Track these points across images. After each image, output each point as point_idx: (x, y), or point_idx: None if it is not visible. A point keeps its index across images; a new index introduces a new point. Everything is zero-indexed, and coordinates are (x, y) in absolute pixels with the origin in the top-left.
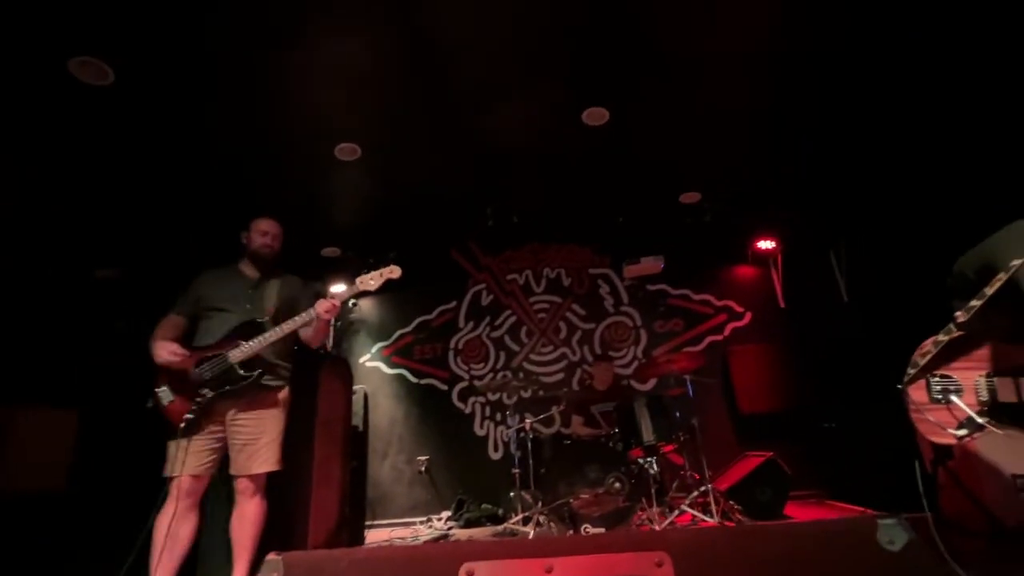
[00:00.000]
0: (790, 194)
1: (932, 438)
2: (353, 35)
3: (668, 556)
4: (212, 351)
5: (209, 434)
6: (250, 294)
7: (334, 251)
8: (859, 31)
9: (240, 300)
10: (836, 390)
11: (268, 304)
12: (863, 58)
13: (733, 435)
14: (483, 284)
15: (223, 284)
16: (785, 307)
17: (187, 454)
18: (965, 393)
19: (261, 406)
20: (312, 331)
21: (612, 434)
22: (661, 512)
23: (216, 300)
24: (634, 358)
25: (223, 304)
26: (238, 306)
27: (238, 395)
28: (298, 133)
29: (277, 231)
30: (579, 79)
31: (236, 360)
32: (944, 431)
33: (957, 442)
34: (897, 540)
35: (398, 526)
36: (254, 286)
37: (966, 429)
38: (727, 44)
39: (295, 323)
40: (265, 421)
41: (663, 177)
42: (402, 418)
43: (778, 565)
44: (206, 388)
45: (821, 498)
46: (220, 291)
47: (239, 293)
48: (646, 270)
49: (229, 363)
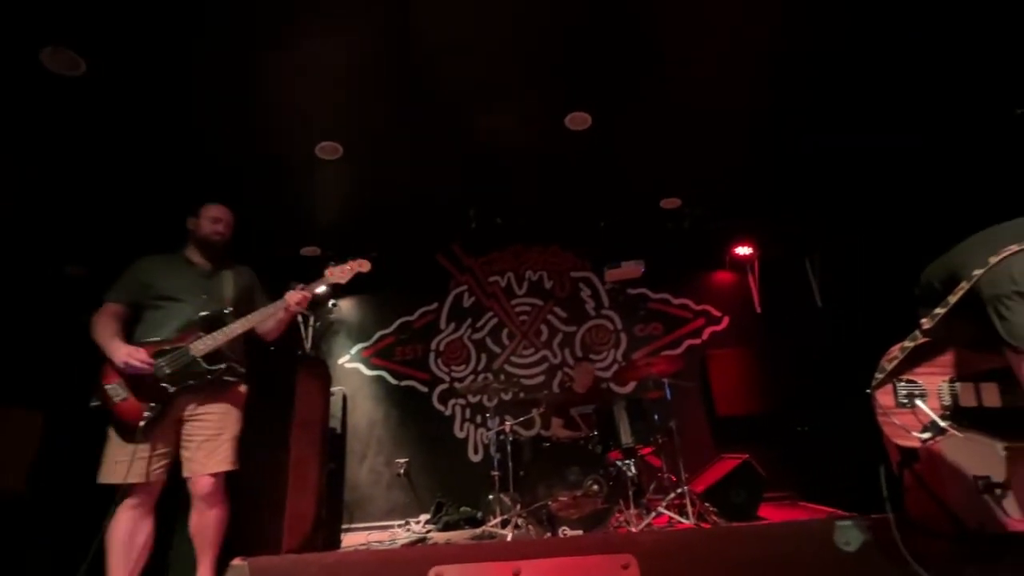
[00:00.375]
0: (767, 202)
1: (897, 441)
2: (337, 33)
3: (634, 558)
4: (170, 344)
5: (167, 433)
6: (205, 284)
7: (314, 250)
8: (835, 48)
9: (195, 290)
10: (810, 393)
11: (226, 295)
12: (839, 76)
13: (710, 438)
14: (465, 286)
15: (173, 272)
16: (761, 312)
17: (143, 457)
18: (929, 397)
19: (223, 401)
20: (274, 323)
21: (591, 436)
22: (638, 514)
23: (167, 289)
24: (614, 361)
25: (176, 294)
26: (194, 296)
27: (198, 391)
28: (278, 130)
29: (229, 218)
30: (562, 84)
31: (200, 353)
32: (909, 434)
33: (921, 445)
34: (853, 541)
35: (376, 529)
36: (207, 275)
37: (929, 432)
38: (709, 58)
39: (263, 314)
40: (228, 417)
41: (644, 182)
42: (381, 420)
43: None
44: (167, 384)
45: (794, 500)
46: (171, 280)
47: (193, 283)
48: (627, 274)
49: (191, 356)
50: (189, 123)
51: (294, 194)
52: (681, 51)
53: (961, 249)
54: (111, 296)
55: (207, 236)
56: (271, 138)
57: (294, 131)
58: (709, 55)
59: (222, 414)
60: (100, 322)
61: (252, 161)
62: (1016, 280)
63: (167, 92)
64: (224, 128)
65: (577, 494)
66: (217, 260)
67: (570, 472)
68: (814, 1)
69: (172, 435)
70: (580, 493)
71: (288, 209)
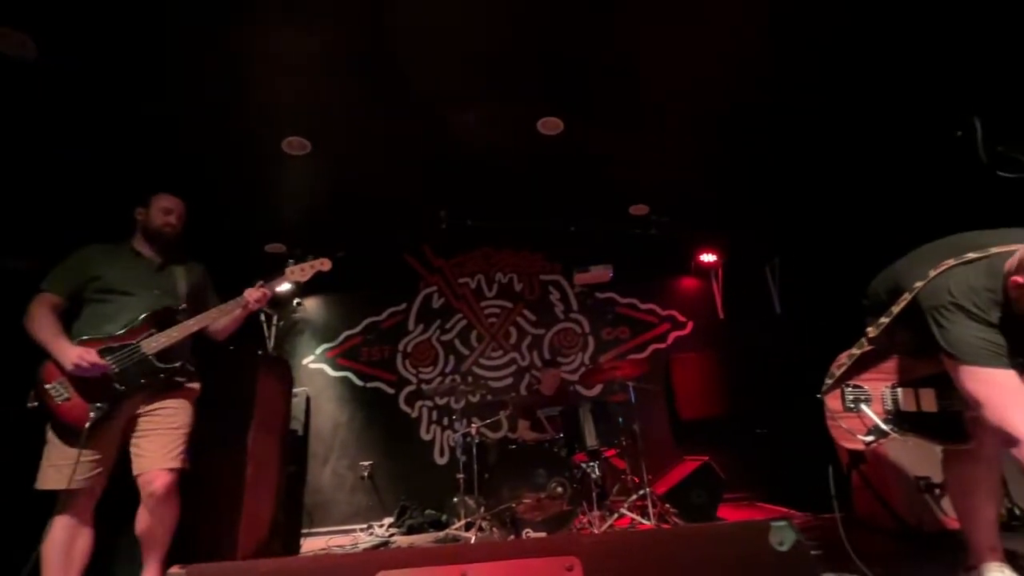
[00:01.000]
0: (731, 212)
1: (844, 444)
2: (308, 26)
3: (578, 560)
4: (118, 341)
5: (111, 433)
6: (156, 278)
7: (279, 247)
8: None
9: (146, 284)
10: (768, 397)
11: (179, 291)
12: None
13: (672, 440)
14: (435, 287)
15: (121, 264)
16: (724, 318)
17: (82, 461)
18: (874, 402)
19: (178, 398)
20: (228, 321)
21: (557, 439)
22: (601, 516)
23: (115, 282)
24: (581, 364)
25: (125, 287)
26: (145, 291)
27: (149, 390)
28: (244, 122)
29: (181, 210)
30: (535, 88)
31: (152, 351)
32: (854, 437)
33: (866, 448)
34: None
35: (337, 533)
36: (158, 269)
37: (873, 436)
38: (679, 70)
39: (220, 311)
40: (181, 413)
41: (614, 188)
42: (346, 422)
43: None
44: (117, 383)
45: (752, 500)
46: (118, 272)
47: (144, 276)
48: (596, 278)
49: (143, 354)
50: (149, 111)
51: (260, 189)
52: (652, 62)
53: (904, 262)
54: (50, 286)
55: (158, 228)
56: (236, 130)
57: (261, 124)
58: (679, 67)
59: (176, 409)
60: (38, 315)
61: (216, 153)
62: (952, 292)
63: (123, 77)
64: (187, 118)
65: (541, 496)
66: (167, 253)
67: (536, 474)
68: (780, 18)
69: (116, 437)
70: (544, 495)
71: (253, 204)
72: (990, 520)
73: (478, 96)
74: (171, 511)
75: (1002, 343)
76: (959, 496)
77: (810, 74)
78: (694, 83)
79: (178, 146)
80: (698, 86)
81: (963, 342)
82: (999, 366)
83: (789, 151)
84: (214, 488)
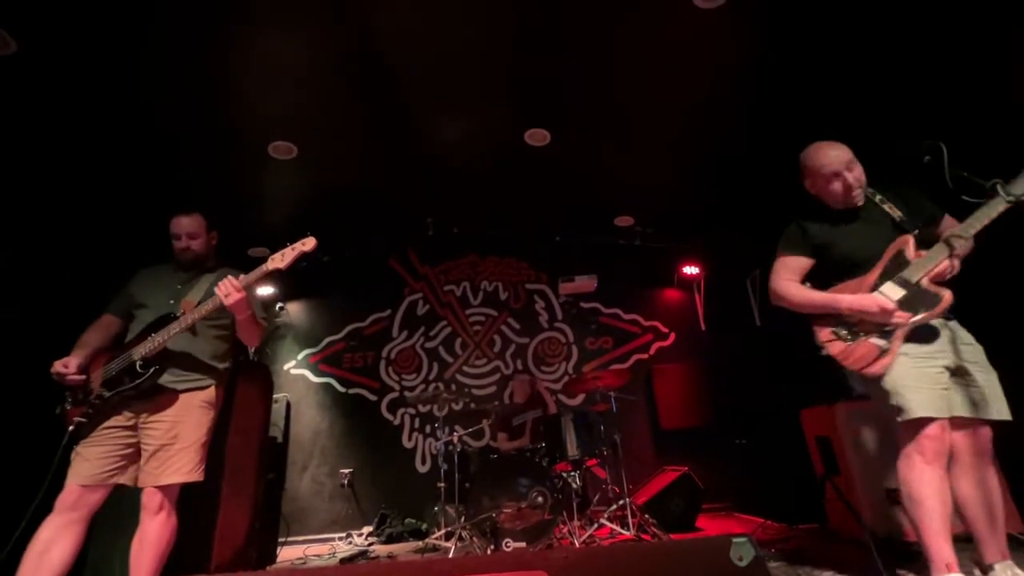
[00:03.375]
0: (713, 225)
1: (868, 371)
2: (297, 29)
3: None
4: (124, 349)
5: (112, 440)
6: (178, 290)
7: (263, 251)
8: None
9: (165, 296)
10: (748, 409)
11: (193, 298)
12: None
13: (653, 450)
14: (420, 294)
15: (154, 280)
16: (705, 329)
17: (81, 461)
18: None
19: (178, 408)
20: (239, 328)
21: (538, 448)
22: (581, 525)
23: (141, 296)
24: (565, 373)
25: (147, 300)
26: (160, 302)
27: (145, 396)
28: (230, 125)
29: (193, 229)
30: (523, 99)
31: (138, 356)
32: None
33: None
34: (746, 557)
35: (315, 542)
36: (184, 282)
37: (884, 340)
38: (663, 86)
39: (200, 312)
40: (180, 425)
41: (599, 200)
42: (326, 429)
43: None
44: (104, 389)
45: (730, 510)
46: (146, 287)
47: (165, 289)
48: (580, 288)
49: (131, 360)
50: (132, 111)
51: (245, 192)
52: (636, 76)
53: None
54: (107, 306)
55: (177, 254)
56: (222, 133)
57: (247, 128)
58: (663, 83)
59: (173, 422)
60: (86, 332)
61: (200, 155)
62: None
63: (105, 77)
64: (172, 121)
65: (522, 506)
66: (196, 268)
67: (517, 484)
68: (762, 35)
69: (126, 442)
70: (525, 505)
71: (237, 207)
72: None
73: (466, 105)
74: (159, 529)
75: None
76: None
77: (789, 91)
78: (678, 98)
79: (164, 149)
80: (681, 101)
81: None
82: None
83: (770, 165)
84: (189, 495)
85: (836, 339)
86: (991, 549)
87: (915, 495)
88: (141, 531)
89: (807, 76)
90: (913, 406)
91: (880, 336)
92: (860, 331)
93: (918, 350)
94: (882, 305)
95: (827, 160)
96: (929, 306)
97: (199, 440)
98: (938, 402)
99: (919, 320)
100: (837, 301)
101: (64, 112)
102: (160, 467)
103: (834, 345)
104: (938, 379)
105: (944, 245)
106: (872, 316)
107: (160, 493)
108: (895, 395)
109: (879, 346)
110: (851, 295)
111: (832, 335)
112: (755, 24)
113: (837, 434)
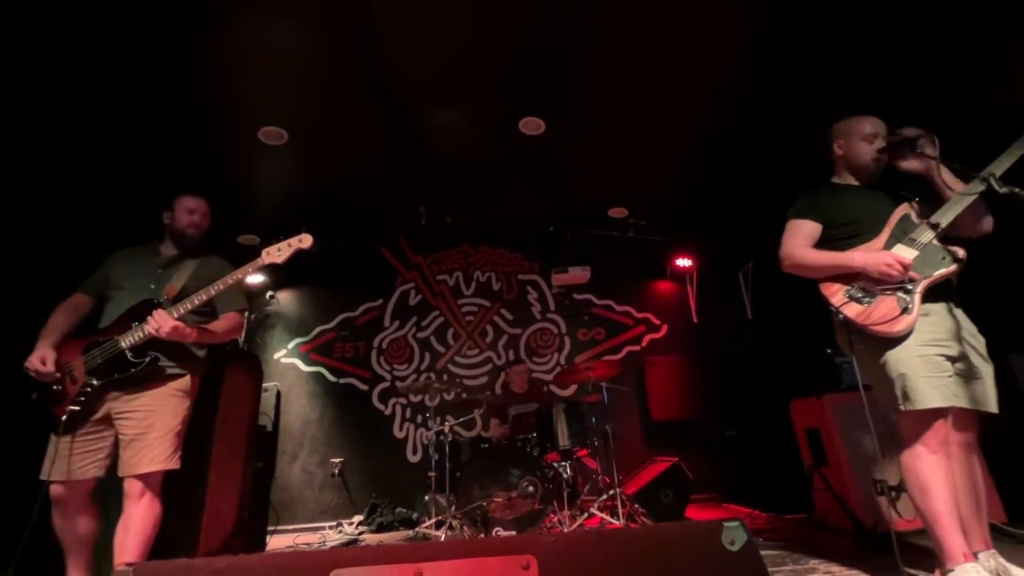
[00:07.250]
0: (707, 218)
1: (892, 330)
2: (292, 14)
3: (535, 559)
4: (104, 335)
5: (95, 431)
6: (159, 273)
7: (252, 239)
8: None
9: (145, 279)
10: (738, 400)
11: (175, 284)
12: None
13: (643, 441)
14: (412, 283)
15: (134, 262)
16: (698, 322)
17: (67, 454)
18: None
19: (153, 396)
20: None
21: (530, 438)
22: (572, 515)
23: (120, 278)
24: (557, 364)
25: (128, 283)
26: (140, 286)
27: (128, 384)
28: (219, 109)
29: (205, 209)
30: (518, 88)
31: (127, 345)
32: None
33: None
34: (737, 541)
35: (305, 531)
36: (166, 265)
37: (908, 295)
38: (658, 76)
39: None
40: (156, 413)
41: (594, 191)
42: (317, 418)
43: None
44: (92, 377)
45: (719, 501)
46: (126, 268)
47: (146, 272)
48: (573, 279)
49: (119, 348)
50: (119, 94)
51: (234, 178)
52: (633, 67)
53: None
54: (80, 285)
55: (183, 228)
56: (211, 117)
57: (237, 112)
58: (660, 75)
59: (149, 411)
60: (54, 313)
61: (189, 140)
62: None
63: (97, 61)
64: (160, 103)
65: (512, 495)
66: (186, 250)
67: (507, 473)
68: (757, 29)
69: (106, 432)
70: (516, 494)
71: (226, 193)
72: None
73: (460, 93)
74: (142, 517)
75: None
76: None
77: (785, 84)
78: (674, 89)
79: (152, 132)
80: (677, 93)
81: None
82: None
83: (764, 160)
84: (176, 484)
85: (851, 301)
86: (975, 538)
87: (925, 485)
88: (125, 517)
89: (801, 70)
90: (922, 396)
91: (902, 292)
92: (875, 291)
93: (927, 334)
94: (899, 258)
95: (869, 123)
96: (944, 265)
97: (173, 429)
98: (946, 392)
99: (936, 278)
100: (851, 259)
101: (51, 94)
102: (135, 456)
103: (850, 307)
104: (944, 367)
105: (980, 182)
106: (889, 269)
107: (140, 481)
108: (903, 382)
109: (902, 300)
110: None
111: (846, 297)
112: (749, 18)
113: (826, 426)
